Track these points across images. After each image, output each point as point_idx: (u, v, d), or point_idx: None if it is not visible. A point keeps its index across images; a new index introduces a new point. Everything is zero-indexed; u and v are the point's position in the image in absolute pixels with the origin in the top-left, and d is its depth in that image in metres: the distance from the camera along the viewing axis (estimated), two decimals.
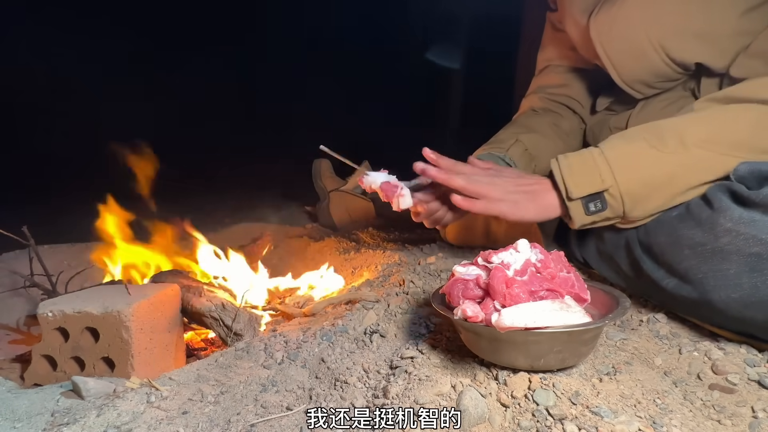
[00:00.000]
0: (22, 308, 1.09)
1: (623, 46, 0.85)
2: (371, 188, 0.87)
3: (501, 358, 0.57)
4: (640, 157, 0.69)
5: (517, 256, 0.58)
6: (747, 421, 0.50)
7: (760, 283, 0.57)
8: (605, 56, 0.88)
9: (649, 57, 0.82)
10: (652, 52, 0.81)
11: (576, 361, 0.57)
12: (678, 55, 0.80)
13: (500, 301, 0.54)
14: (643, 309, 0.76)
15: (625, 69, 0.87)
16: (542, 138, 1.03)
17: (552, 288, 0.56)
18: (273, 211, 1.96)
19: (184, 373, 0.72)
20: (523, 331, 0.51)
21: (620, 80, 0.89)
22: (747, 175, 0.62)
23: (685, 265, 0.65)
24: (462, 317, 0.55)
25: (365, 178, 0.87)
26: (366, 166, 1.88)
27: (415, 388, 0.56)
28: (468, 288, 0.58)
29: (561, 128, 1.07)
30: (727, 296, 0.60)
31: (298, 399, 0.64)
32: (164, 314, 0.82)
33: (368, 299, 0.86)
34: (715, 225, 0.62)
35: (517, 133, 1.03)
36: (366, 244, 1.41)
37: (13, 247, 1.26)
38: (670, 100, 0.88)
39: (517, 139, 1.01)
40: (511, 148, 1.00)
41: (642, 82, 0.87)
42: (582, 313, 0.55)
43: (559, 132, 1.06)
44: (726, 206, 0.62)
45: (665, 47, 0.80)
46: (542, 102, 1.12)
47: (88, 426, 0.58)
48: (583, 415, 0.49)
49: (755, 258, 0.58)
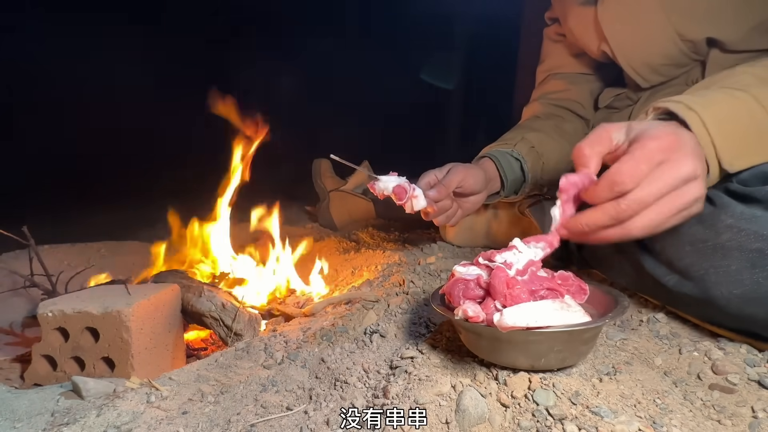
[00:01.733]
0: (22, 308, 1.09)
1: (634, 28, 0.85)
2: (383, 194, 0.86)
3: (502, 358, 0.57)
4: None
5: (519, 256, 0.58)
6: (747, 421, 0.50)
7: (762, 279, 0.57)
8: (613, 39, 0.87)
9: (659, 37, 0.82)
10: (662, 31, 0.81)
11: (576, 360, 0.57)
12: (688, 31, 0.80)
13: (501, 302, 0.54)
14: (643, 309, 0.76)
15: (635, 52, 0.87)
16: (547, 137, 1.03)
17: (552, 287, 0.56)
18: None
19: (184, 373, 0.72)
20: (523, 330, 0.51)
21: (627, 65, 0.89)
22: (749, 177, 0.62)
23: (686, 261, 0.65)
24: (463, 317, 0.55)
25: (377, 184, 0.86)
26: (366, 165, 1.88)
27: (415, 388, 0.56)
28: (468, 288, 0.58)
29: (564, 130, 1.07)
30: (728, 292, 0.60)
31: (298, 399, 0.64)
32: (164, 314, 0.82)
33: (368, 299, 0.86)
34: (717, 221, 0.62)
35: (522, 132, 1.04)
36: (366, 244, 1.41)
37: (13, 247, 1.26)
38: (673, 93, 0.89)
39: (524, 137, 1.01)
40: (518, 145, 1.00)
41: (649, 65, 0.87)
42: (582, 313, 0.55)
43: (563, 133, 1.06)
44: (727, 202, 0.61)
45: (676, 24, 0.80)
46: (544, 107, 1.13)
47: (88, 426, 0.58)
48: (583, 415, 0.49)
49: (757, 254, 0.58)
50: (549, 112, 1.11)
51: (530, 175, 0.99)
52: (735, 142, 0.56)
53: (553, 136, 1.04)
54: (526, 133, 1.03)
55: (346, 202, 1.74)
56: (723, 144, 0.55)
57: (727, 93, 0.58)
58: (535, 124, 1.07)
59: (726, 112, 0.56)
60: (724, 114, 0.56)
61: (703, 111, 0.56)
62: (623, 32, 0.87)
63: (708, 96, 0.58)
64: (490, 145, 1.03)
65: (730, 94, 0.58)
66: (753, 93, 0.58)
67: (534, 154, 1.00)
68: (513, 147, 0.99)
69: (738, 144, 0.56)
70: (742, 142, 0.56)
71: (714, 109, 0.56)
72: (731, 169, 0.57)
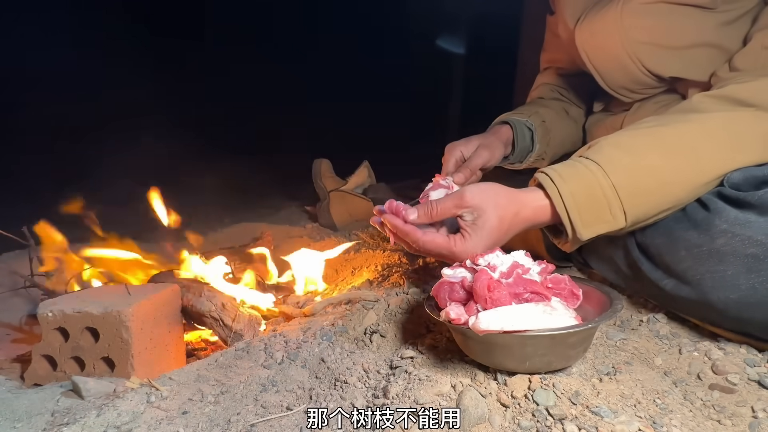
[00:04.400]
0: (22, 308, 1.09)
1: (604, 56, 0.88)
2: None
3: (490, 360, 0.57)
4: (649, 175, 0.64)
5: (503, 258, 0.58)
6: (747, 421, 0.50)
7: (758, 284, 0.57)
8: (590, 63, 0.90)
9: (627, 67, 0.84)
10: (629, 63, 0.83)
11: (564, 364, 0.57)
12: (653, 67, 0.82)
13: (482, 305, 0.54)
14: (643, 309, 0.76)
15: (608, 76, 0.90)
16: (556, 115, 1.07)
17: (537, 291, 0.56)
18: (273, 211, 1.96)
19: (184, 373, 0.72)
20: (502, 334, 0.51)
21: (606, 86, 0.91)
22: (741, 182, 0.62)
23: (682, 266, 0.65)
24: (446, 319, 0.56)
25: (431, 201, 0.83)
26: (366, 165, 1.88)
27: (415, 388, 0.56)
28: (454, 290, 0.58)
29: (569, 112, 1.11)
30: (725, 297, 0.60)
31: (298, 399, 0.64)
32: (164, 314, 0.82)
33: (368, 299, 0.86)
34: (711, 226, 0.62)
35: (535, 107, 1.06)
36: (366, 244, 1.41)
37: (13, 247, 1.26)
38: (663, 102, 0.89)
39: (537, 111, 1.04)
40: (532, 116, 1.02)
41: (625, 88, 0.90)
42: (569, 316, 0.55)
43: (567, 116, 1.10)
44: (721, 208, 0.62)
45: (641, 60, 0.82)
46: (549, 93, 1.16)
47: (88, 426, 0.58)
48: (583, 415, 0.49)
49: (752, 259, 0.58)
50: (554, 96, 1.15)
51: (538, 146, 1.02)
52: (584, 213, 0.63)
53: (561, 115, 1.08)
54: (538, 108, 1.06)
55: (346, 202, 1.74)
56: (575, 214, 0.63)
57: (585, 166, 0.65)
58: (545, 103, 1.11)
59: (579, 186, 0.63)
60: (576, 188, 0.63)
61: (562, 185, 0.64)
62: (596, 58, 0.90)
63: (569, 168, 0.65)
64: (507, 113, 1.04)
65: (587, 167, 0.64)
66: (604, 167, 0.63)
67: (543, 128, 1.03)
68: (528, 117, 1.02)
69: (585, 215, 0.63)
70: (589, 213, 0.63)
71: (570, 183, 0.64)
72: (581, 238, 0.64)
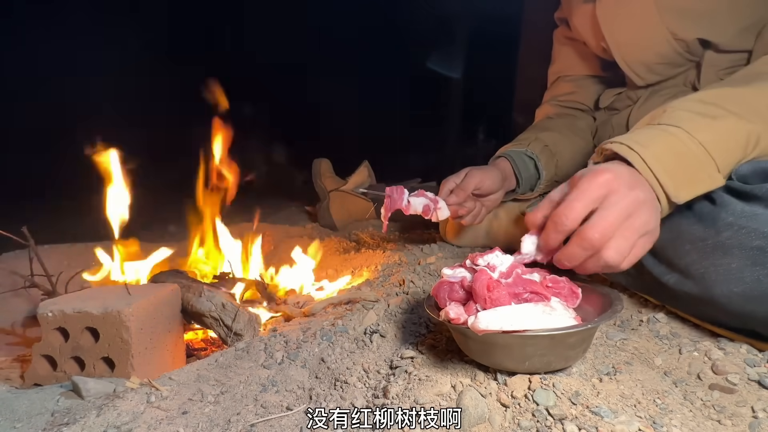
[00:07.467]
0: (22, 308, 1.09)
1: (629, 26, 0.88)
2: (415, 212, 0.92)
3: (489, 360, 0.57)
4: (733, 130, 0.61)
5: (503, 258, 0.58)
6: (747, 421, 0.50)
7: (762, 277, 0.57)
8: (611, 36, 0.90)
9: (653, 36, 0.84)
10: (656, 30, 0.83)
11: (563, 364, 0.57)
12: (680, 31, 0.82)
13: (481, 304, 0.54)
14: (643, 309, 0.76)
15: (630, 50, 0.90)
16: (560, 136, 1.07)
17: (536, 291, 0.56)
18: (273, 211, 1.96)
19: (184, 373, 0.72)
20: (502, 334, 0.51)
21: (624, 63, 0.92)
22: (749, 174, 0.62)
23: (686, 260, 0.65)
24: (446, 319, 0.56)
25: (410, 207, 0.91)
26: (366, 165, 1.88)
27: (415, 388, 0.56)
28: (453, 290, 0.59)
29: (577, 127, 1.11)
30: (729, 290, 0.60)
31: (298, 399, 0.64)
32: (164, 314, 0.82)
33: (368, 299, 0.86)
34: (717, 219, 0.62)
35: (536, 132, 1.08)
36: (366, 244, 1.41)
37: (13, 247, 1.26)
38: (670, 94, 0.90)
39: (537, 137, 1.05)
40: (531, 144, 1.04)
41: (644, 64, 0.90)
42: (568, 316, 0.55)
43: (576, 130, 1.10)
44: (727, 201, 0.62)
45: (669, 24, 0.82)
46: (555, 109, 1.18)
47: (88, 426, 0.58)
48: (583, 415, 0.49)
49: (757, 251, 0.58)
50: (560, 112, 1.16)
51: (544, 172, 1.03)
52: (676, 174, 0.59)
53: (567, 134, 1.08)
54: (539, 133, 1.07)
55: (346, 202, 1.74)
56: (665, 178, 0.59)
57: (662, 130, 0.61)
58: (548, 124, 1.11)
59: (663, 148, 0.60)
60: (661, 150, 0.59)
61: (643, 150, 0.59)
62: (619, 30, 0.90)
63: (645, 134, 0.62)
64: (506, 146, 1.07)
65: (665, 131, 0.61)
66: (686, 128, 0.60)
67: (548, 153, 1.04)
68: (527, 146, 1.03)
69: (679, 176, 0.59)
70: (682, 174, 0.60)
71: (653, 147, 0.60)
72: (677, 200, 0.60)
